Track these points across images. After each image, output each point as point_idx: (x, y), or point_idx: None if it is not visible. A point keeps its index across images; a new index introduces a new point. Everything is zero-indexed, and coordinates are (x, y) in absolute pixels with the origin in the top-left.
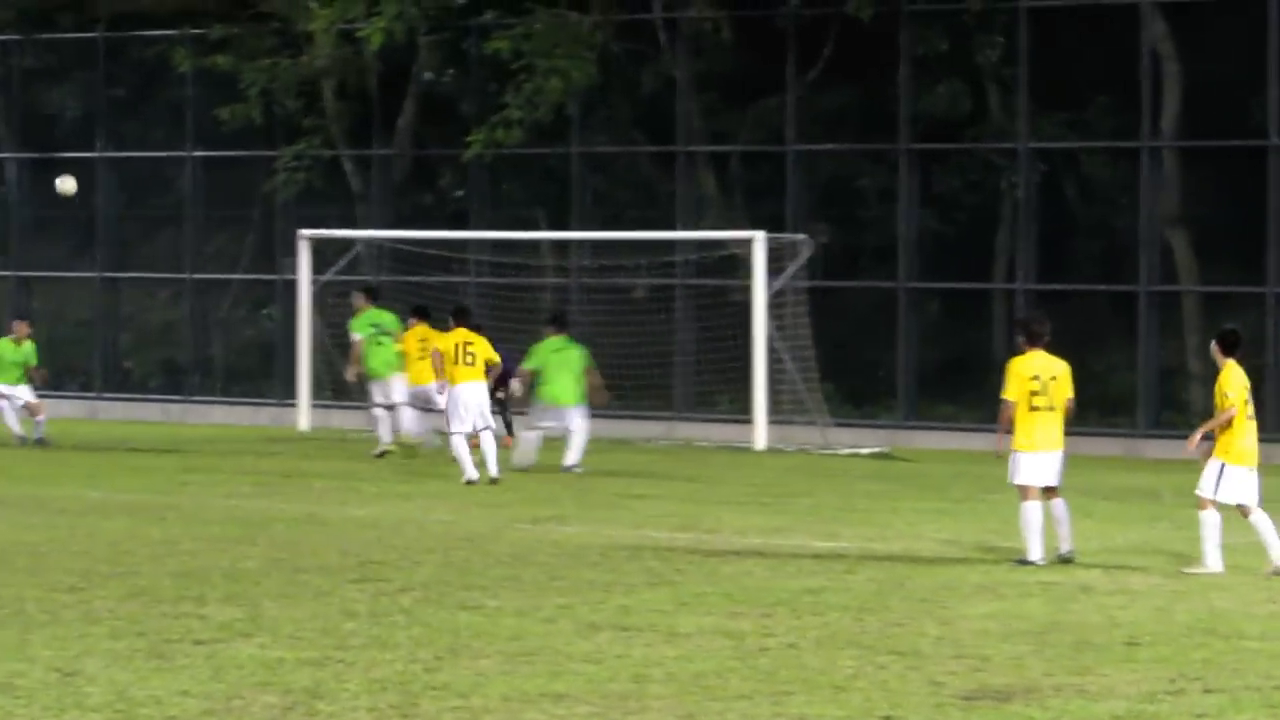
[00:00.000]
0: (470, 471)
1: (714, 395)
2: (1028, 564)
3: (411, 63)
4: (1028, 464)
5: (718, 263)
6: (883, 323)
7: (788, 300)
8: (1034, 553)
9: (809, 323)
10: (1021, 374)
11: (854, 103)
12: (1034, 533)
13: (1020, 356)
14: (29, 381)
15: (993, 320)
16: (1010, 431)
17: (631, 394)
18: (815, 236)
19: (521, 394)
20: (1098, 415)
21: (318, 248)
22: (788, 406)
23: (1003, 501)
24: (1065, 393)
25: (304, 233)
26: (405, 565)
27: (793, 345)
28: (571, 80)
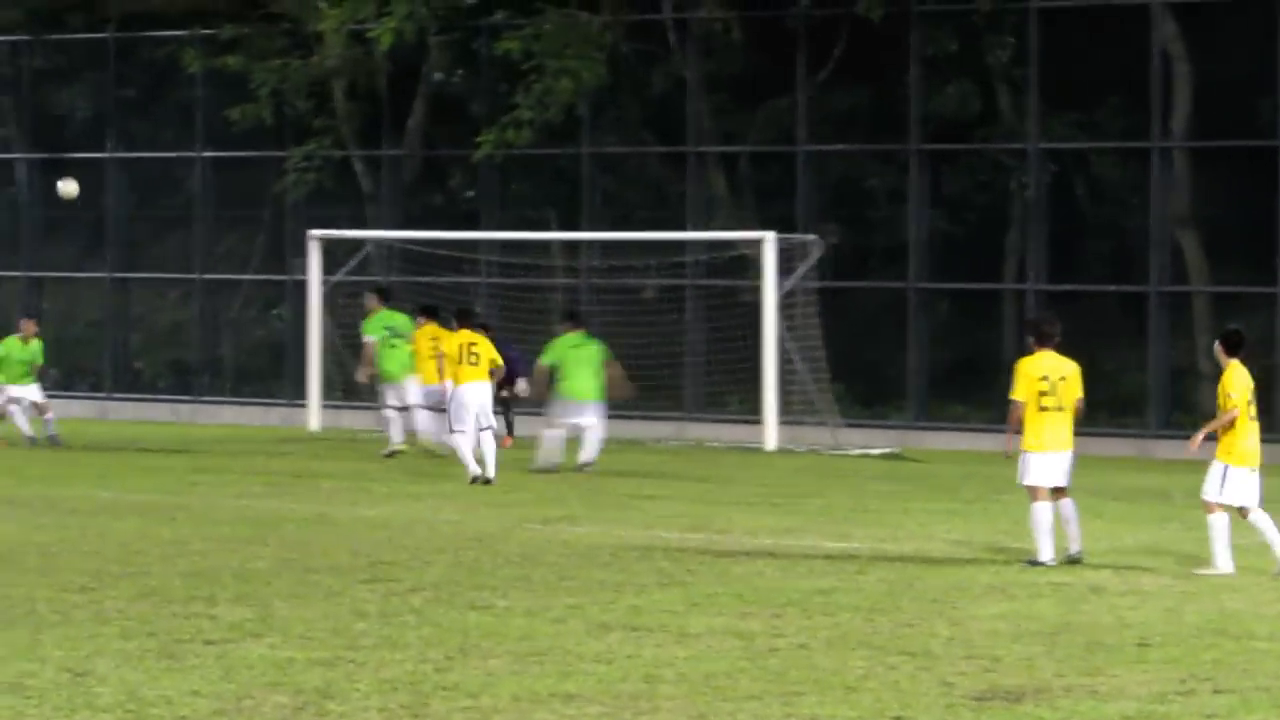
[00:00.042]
0: (474, 469)
1: (724, 396)
2: (1038, 564)
3: (422, 63)
4: (1037, 464)
5: (728, 263)
6: (893, 323)
7: (798, 300)
8: (1045, 553)
9: (819, 323)
10: (1030, 374)
11: (864, 103)
12: (1044, 533)
13: (1029, 357)
14: (38, 380)
15: (1003, 321)
16: (1019, 432)
17: (642, 394)
18: (825, 237)
19: (538, 391)
20: (1108, 416)
21: (328, 248)
22: (798, 407)
23: (1013, 502)
24: (1075, 393)
25: (314, 233)
26: (415, 565)
27: (803, 346)
28: (581, 81)
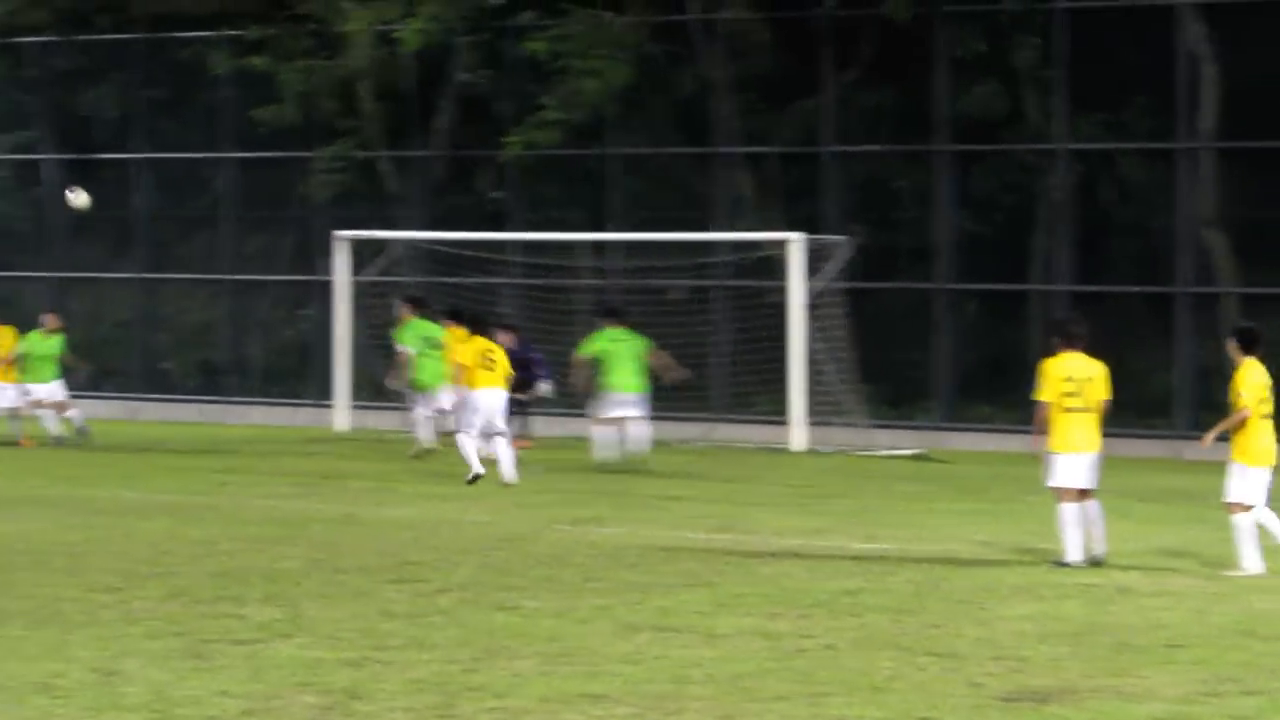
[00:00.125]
0: (476, 468)
1: (751, 396)
2: (1066, 565)
3: (448, 64)
4: (1063, 465)
5: (754, 264)
6: (920, 324)
7: (825, 301)
8: (1072, 554)
9: (847, 324)
10: (1056, 375)
11: (891, 104)
12: (1072, 534)
13: (1055, 358)
14: (60, 376)
15: (1030, 321)
16: (1046, 433)
17: (668, 396)
18: (852, 238)
19: (578, 380)
20: (1135, 417)
21: (356, 248)
22: (825, 408)
23: (1040, 503)
24: (1101, 394)
25: (340, 234)
26: (443, 566)
27: (831, 346)
28: (608, 81)
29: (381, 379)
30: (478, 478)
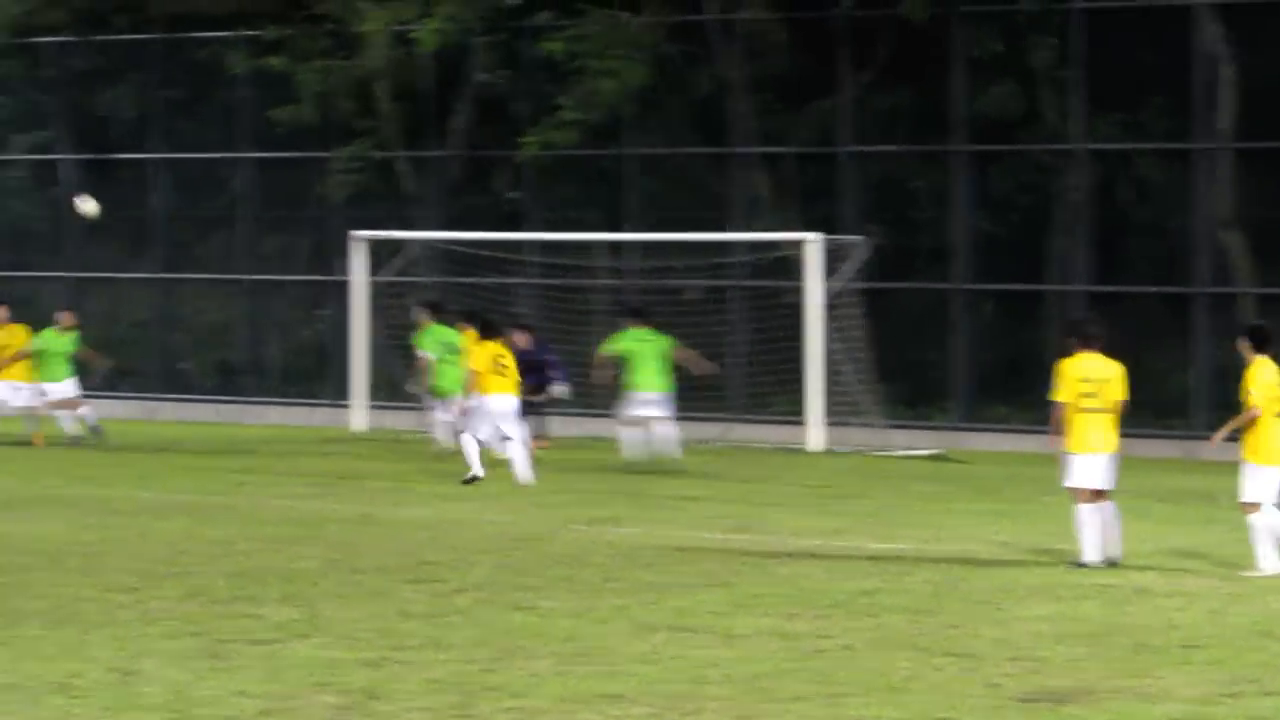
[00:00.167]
0: (476, 470)
1: (768, 397)
2: (1083, 566)
3: (466, 64)
4: (1080, 466)
5: (771, 264)
6: (937, 324)
7: (843, 302)
8: (1089, 555)
9: (864, 324)
10: (1073, 376)
11: (908, 104)
12: (1089, 534)
13: (1072, 358)
14: (74, 374)
15: (1047, 322)
16: (1063, 433)
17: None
18: (869, 238)
19: (599, 377)
20: (1152, 417)
21: (373, 249)
22: (843, 408)
23: (1057, 503)
24: (1118, 395)
25: (357, 234)
26: (461, 566)
27: (848, 347)
28: (625, 81)
29: (399, 380)
30: (475, 479)
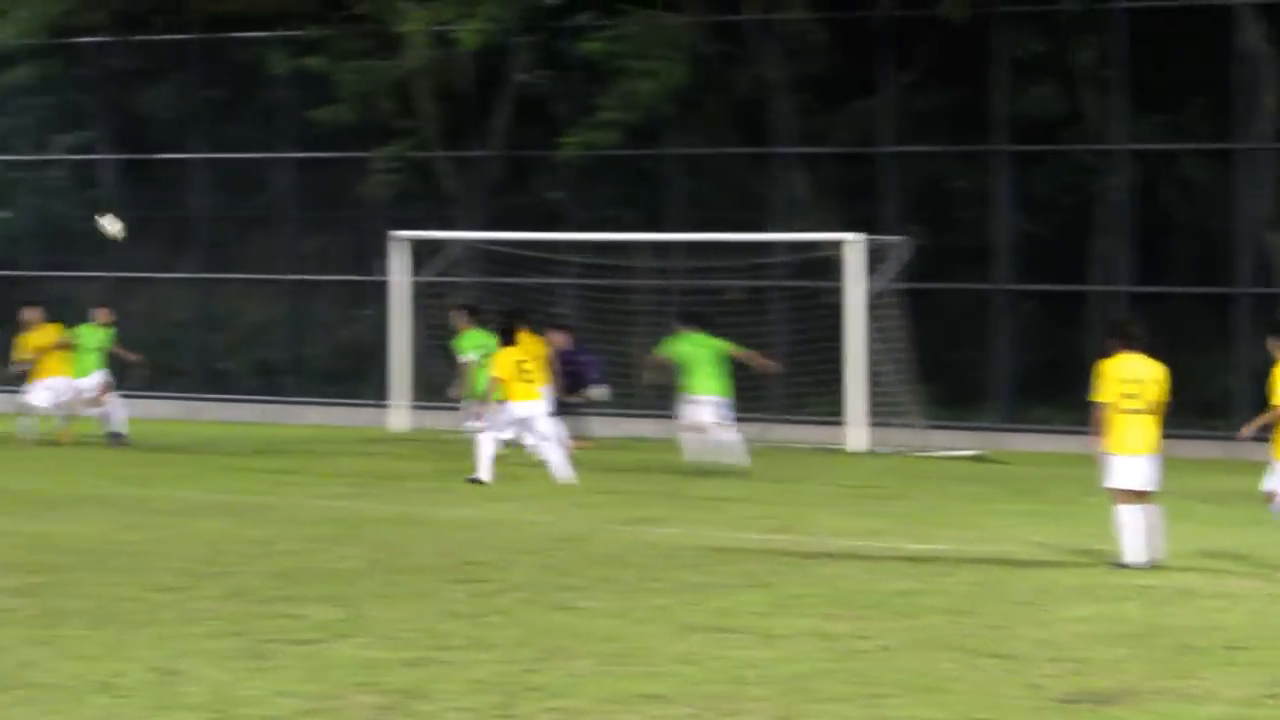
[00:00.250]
0: (483, 473)
1: (808, 397)
2: (1124, 567)
3: (506, 64)
4: (1121, 466)
5: (811, 264)
6: (978, 325)
7: (883, 302)
8: (1130, 555)
9: (904, 325)
10: (1114, 376)
11: (949, 104)
12: (1130, 535)
13: (1114, 359)
14: (104, 368)
15: (1089, 323)
16: (1103, 434)
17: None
18: (910, 238)
19: (651, 376)
20: (1194, 418)
21: (414, 249)
22: (883, 408)
23: (1099, 504)
24: (1159, 396)
25: (397, 234)
26: (502, 566)
27: (888, 347)
28: (665, 82)
29: (440, 380)
30: (478, 481)
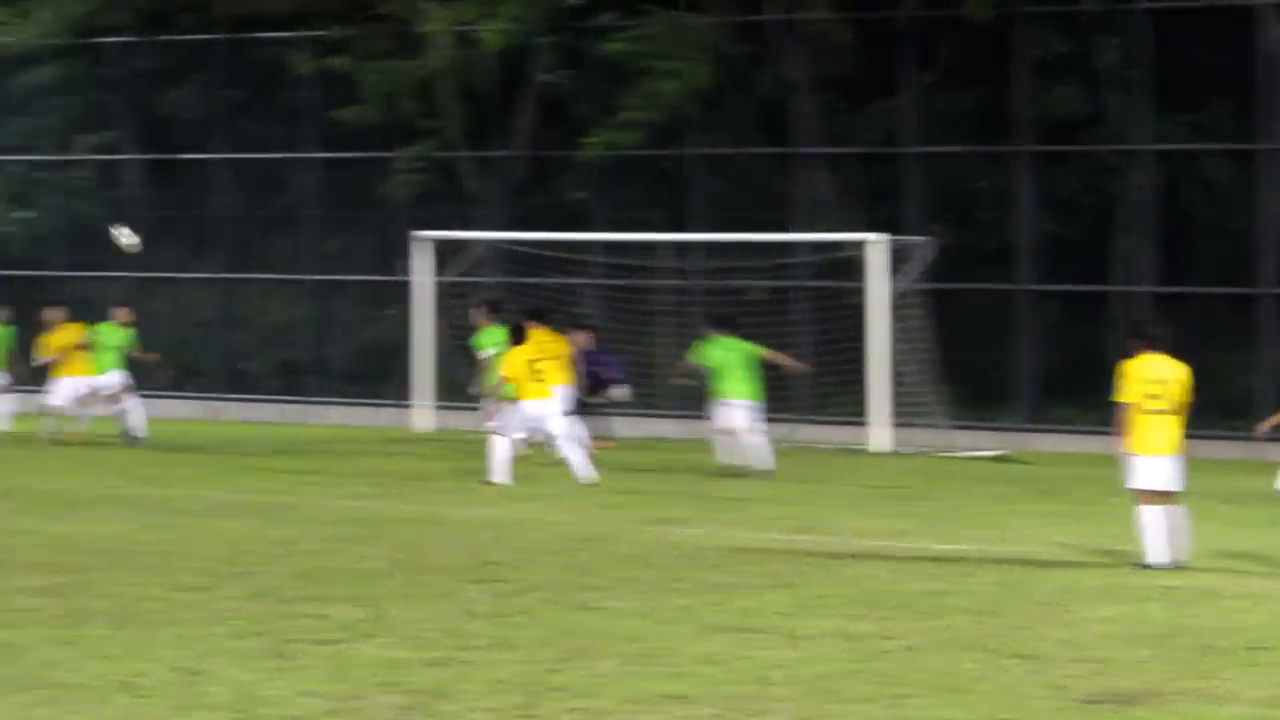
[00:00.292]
0: (500, 475)
1: (832, 397)
2: (1148, 568)
3: (529, 64)
4: (1143, 467)
5: (834, 265)
6: (1001, 325)
7: (907, 302)
8: (1153, 556)
9: (928, 325)
10: (1137, 377)
11: (971, 104)
12: (1152, 536)
13: (1137, 359)
14: (121, 367)
15: (1111, 323)
16: (1126, 435)
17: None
18: (933, 238)
19: (682, 378)
20: (1217, 418)
21: (437, 249)
22: (907, 409)
23: (1122, 505)
24: (1182, 396)
25: (420, 234)
26: (526, 566)
27: (912, 347)
28: (688, 82)
29: (463, 380)
30: (491, 484)
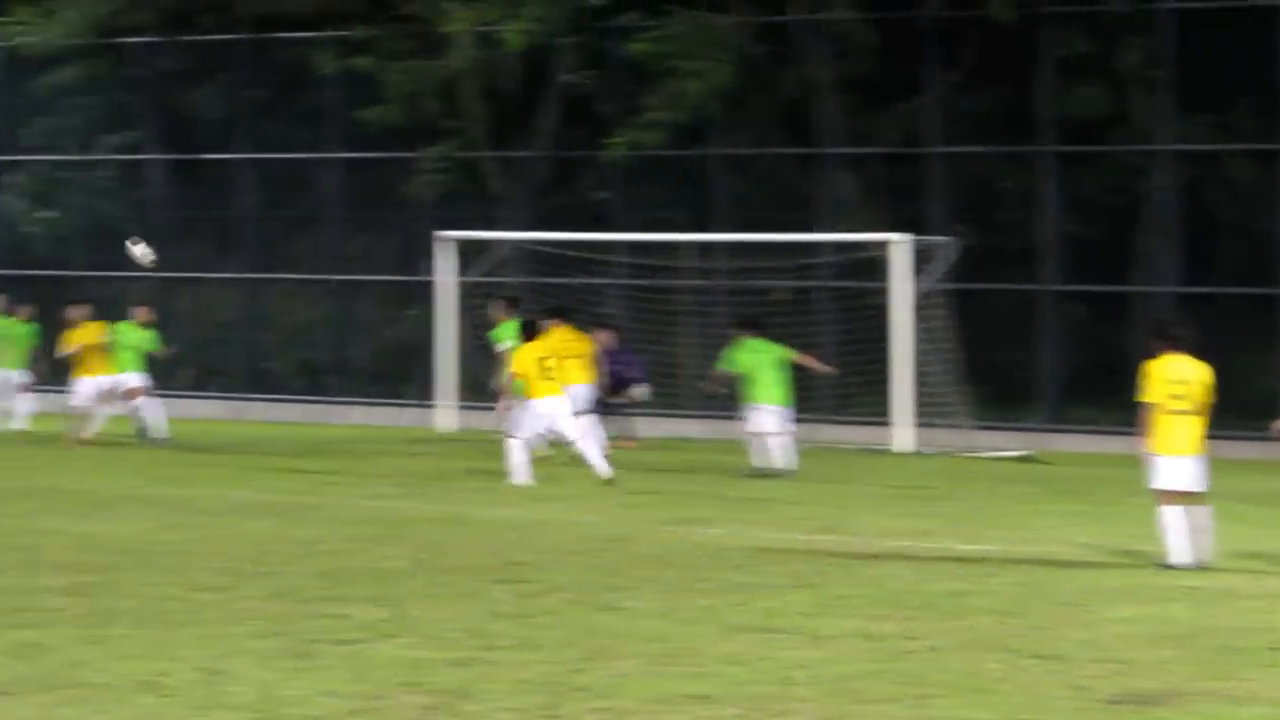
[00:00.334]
0: (520, 476)
1: (854, 397)
2: (1170, 568)
3: (551, 64)
4: (1165, 467)
5: (857, 265)
6: (1024, 325)
7: (930, 302)
8: (1176, 556)
9: (950, 325)
10: (1161, 377)
11: (995, 105)
12: (1174, 536)
13: (1160, 359)
14: (141, 368)
15: (1134, 323)
16: (1149, 435)
17: None
18: (956, 239)
19: (713, 390)
20: (1239, 419)
21: (460, 249)
22: (930, 409)
23: (1145, 505)
24: (1205, 397)
25: (442, 234)
26: (549, 566)
27: (935, 347)
28: (711, 82)
29: (483, 378)
30: (518, 486)
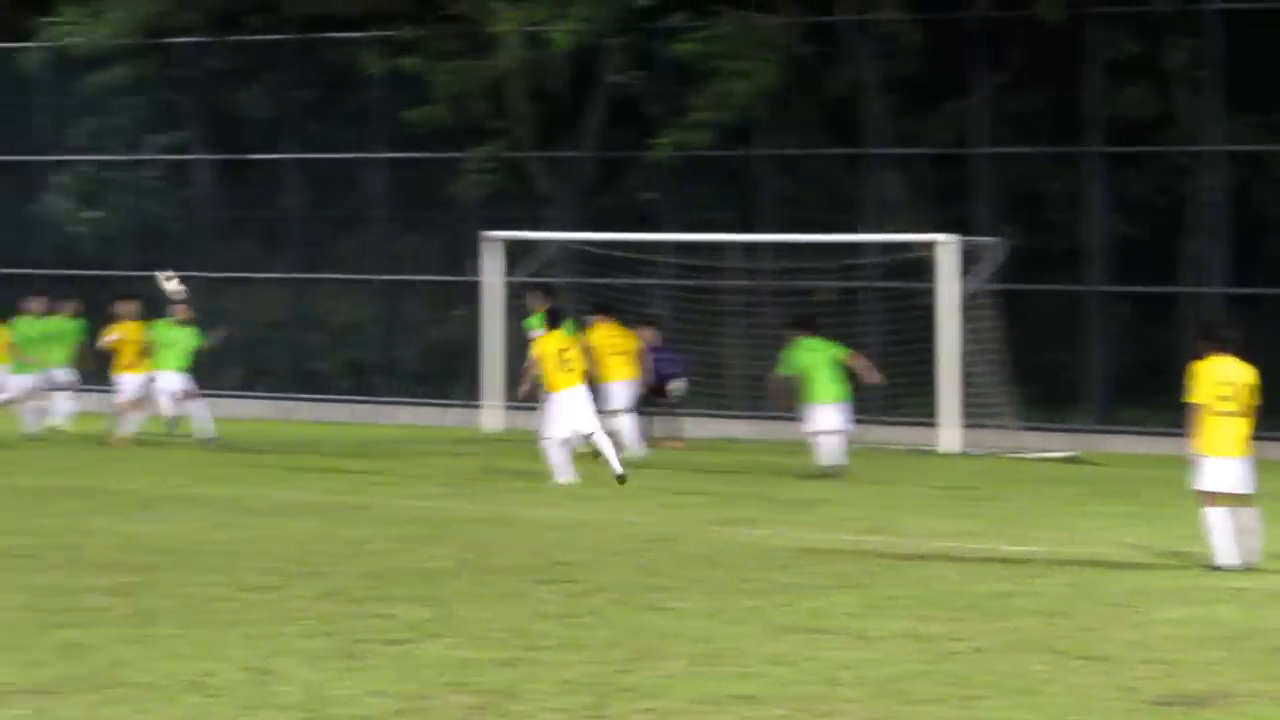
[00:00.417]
0: (563, 475)
1: (901, 398)
2: (1218, 569)
3: (599, 65)
4: (1212, 469)
5: (904, 265)
6: (1071, 326)
7: (977, 303)
8: (1222, 557)
9: (998, 326)
10: (1208, 378)
11: (1042, 105)
12: (1219, 537)
13: (1207, 361)
14: (185, 369)
15: (1182, 324)
16: (1197, 436)
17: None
18: (1003, 239)
19: (774, 398)
20: None
21: (507, 249)
22: (976, 409)
23: (1193, 506)
24: (1251, 399)
25: (489, 235)
26: (594, 566)
27: (982, 348)
28: (758, 83)
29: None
30: (561, 485)
